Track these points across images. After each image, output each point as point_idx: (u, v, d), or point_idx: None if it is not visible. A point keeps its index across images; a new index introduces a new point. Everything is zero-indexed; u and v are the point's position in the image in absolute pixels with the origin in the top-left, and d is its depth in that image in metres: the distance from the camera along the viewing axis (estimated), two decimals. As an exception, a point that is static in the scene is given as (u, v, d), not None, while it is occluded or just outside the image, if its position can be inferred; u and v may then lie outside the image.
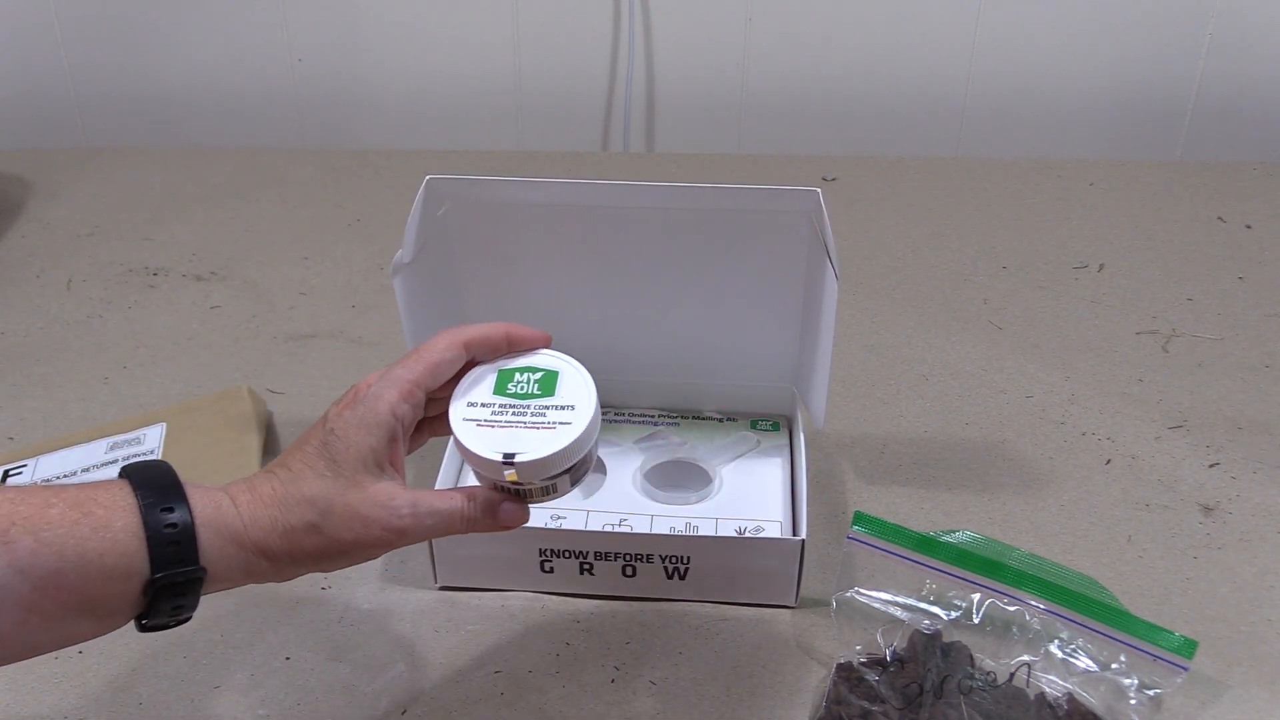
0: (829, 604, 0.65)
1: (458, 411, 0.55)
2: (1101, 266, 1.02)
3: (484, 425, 0.54)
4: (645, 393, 0.79)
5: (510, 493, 0.55)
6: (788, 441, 0.77)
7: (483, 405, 0.55)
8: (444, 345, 0.55)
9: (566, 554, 0.67)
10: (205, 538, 0.47)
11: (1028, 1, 1.21)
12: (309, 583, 0.70)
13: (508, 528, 0.55)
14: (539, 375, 0.56)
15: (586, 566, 0.68)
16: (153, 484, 0.47)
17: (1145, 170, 1.18)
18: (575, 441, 0.54)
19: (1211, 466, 0.79)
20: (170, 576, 0.45)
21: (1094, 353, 0.90)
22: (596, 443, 0.56)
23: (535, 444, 0.53)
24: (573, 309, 0.75)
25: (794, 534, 0.69)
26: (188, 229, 1.09)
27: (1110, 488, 0.77)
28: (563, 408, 0.55)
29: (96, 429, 0.79)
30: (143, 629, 0.47)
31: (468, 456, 0.54)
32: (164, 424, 0.78)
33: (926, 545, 0.64)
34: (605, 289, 0.74)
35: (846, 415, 0.84)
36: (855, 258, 1.02)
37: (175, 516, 0.46)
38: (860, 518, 0.65)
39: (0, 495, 0.44)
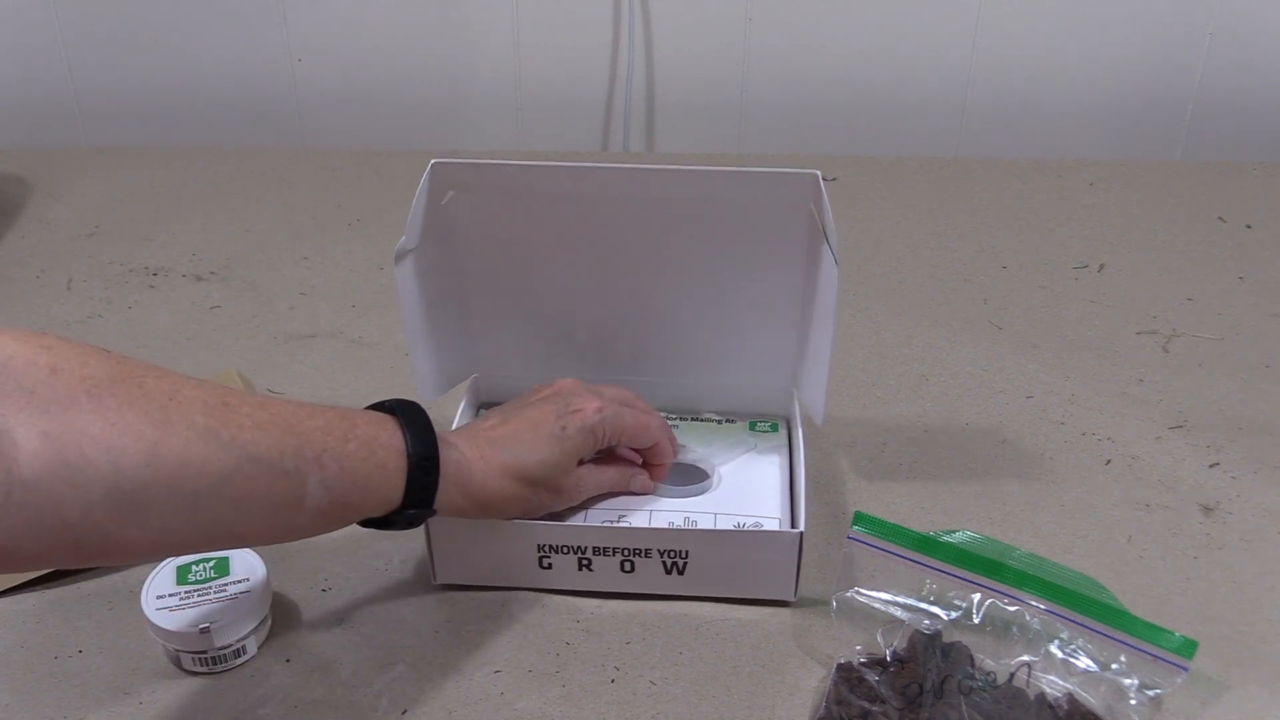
0: (829, 604, 0.65)
1: (150, 604, 0.64)
2: (1101, 266, 1.02)
3: (175, 610, 0.64)
4: (645, 393, 0.79)
5: (209, 659, 0.64)
6: (786, 441, 0.77)
7: (169, 595, 0.65)
8: (658, 424, 0.71)
9: (565, 550, 0.67)
10: (444, 487, 0.61)
11: (1028, 2, 1.21)
12: (309, 584, 0.70)
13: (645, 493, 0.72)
14: (212, 563, 0.67)
15: (585, 562, 0.68)
16: (418, 435, 0.60)
17: (1145, 170, 1.18)
18: (254, 606, 0.64)
19: (1211, 466, 0.79)
20: (413, 511, 0.61)
21: (1094, 353, 0.90)
22: (270, 610, 0.66)
23: (223, 614, 0.64)
24: (572, 309, 0.75)
25: (792, 527, 0.68)
26: (188, 229, 1.09)
27: (1110, 488, 0.77)
28: (239, 582, 0.65)
29: None
30: (367, 524, 0.61)
31: (166, 636, 0.63)
32: None
33: (926, 545, 0.64)
34: (605, 288, 0.74)
35: (846, 415, 0.84)
36: (855, 257, 1.02)
37: (429, 466, 0.60)
38: (860, 517, 0.65)
39: (312, 426, 0.56)
